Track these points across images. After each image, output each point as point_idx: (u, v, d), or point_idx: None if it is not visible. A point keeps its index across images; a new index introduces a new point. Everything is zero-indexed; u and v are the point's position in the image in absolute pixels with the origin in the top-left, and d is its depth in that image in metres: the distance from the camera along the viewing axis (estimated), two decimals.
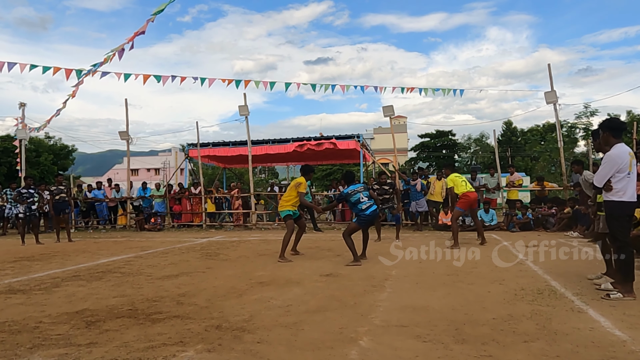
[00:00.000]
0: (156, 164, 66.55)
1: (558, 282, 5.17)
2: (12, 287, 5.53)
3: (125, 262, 7.61)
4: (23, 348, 3.20)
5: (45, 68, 13.16)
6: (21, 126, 17.08)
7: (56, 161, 38.27)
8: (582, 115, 28.60)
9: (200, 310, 4.21)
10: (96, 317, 4.02)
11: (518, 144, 46.55)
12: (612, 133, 4.68)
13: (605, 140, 4.71)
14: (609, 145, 4.65)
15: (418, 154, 52.23)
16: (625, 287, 4.47)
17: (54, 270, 6.84)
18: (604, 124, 4.86)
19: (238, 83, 15.14)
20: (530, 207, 12.71)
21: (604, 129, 4.75)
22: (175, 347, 3.18)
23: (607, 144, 4.68)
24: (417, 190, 13.11)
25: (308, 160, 23.93)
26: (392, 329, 3.56)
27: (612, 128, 4.73)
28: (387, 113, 14.71)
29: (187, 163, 19.70)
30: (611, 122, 4.88)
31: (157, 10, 11.53)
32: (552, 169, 31.32)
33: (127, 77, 14.23)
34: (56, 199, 11.51)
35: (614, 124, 4.82)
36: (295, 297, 4.69)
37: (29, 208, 11.40)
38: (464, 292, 4.83)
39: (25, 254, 8.90)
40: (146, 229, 14.91)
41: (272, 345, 3.20)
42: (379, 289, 5.02)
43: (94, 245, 10.67)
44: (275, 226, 15.17)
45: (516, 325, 3.57)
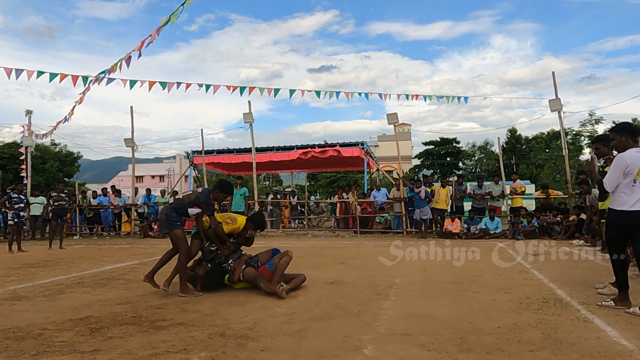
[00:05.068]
0: (161, 171, 66.75)
1: (564, 291, 5.14)
2: (17, 293, 5.54)
3: (130, 269, 7.62)
4: (27, 355, 3.21)
5: (52, 75, 13.28)
6: (27, 133, 17.23)
7: (62, 168, 38.53)
8: (587, 123, 28.57)
9: (204, 318, 4.20)
10: (100, 324, 4.02)
11: (523, 151, 46.38)
12: (631, 136, 4.37)
13: (623, 144, 4.38)
14: (626, 149, 4.34)
15: (422, 161, 52.12)
16: (619, 295, 4.42)
17: (58, 276, 6.85)
18: (622, 126, 4.50)
19: (243, 90, 15.24)
20: (535, 215, 12.66)
21: (622, 132, 4.41)
22: (179, 354, 3.17)
23: (625, 147, 4.36)
24: (421, 198, 13.10)
25: (312, 168, 23.99)
26: (397, 337, 3.54)
27: (632, 131, 4.40)
28: (391, 120, 14.75)
29: (192, 170, 19.78)
30: (630, 125, 4.52)
31: (165, 21, 11.63)
32: (557, 177, 31.18)
33: (133, 84, 14.34)
34: (55, 205, 11.45)
35: (633, 127, 4.47)
36: (299, 304, 4.68)
37: (16, 214, 11.05)
38: (469, 300, 4.80)
39: (30, 261, 8.93)
40: (150, 235, 14.94)
41: (275, 353, 3.19)
42: (383, 297, 5.00)
43: (98, 251, 10.70)
44: (279, 233, 15.16)
45: (521, 334, 3.54)
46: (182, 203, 5.51)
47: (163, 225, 5.47)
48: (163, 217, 5.47)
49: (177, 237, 5.36)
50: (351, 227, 15.36)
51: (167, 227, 5.40)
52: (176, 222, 5.40)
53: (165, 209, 5.55)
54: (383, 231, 14.40)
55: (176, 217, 5.42)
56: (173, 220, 5.39)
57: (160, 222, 5.66)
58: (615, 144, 4.50)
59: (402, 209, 14.04)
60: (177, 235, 5.36)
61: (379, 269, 7.00)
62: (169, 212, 5.44)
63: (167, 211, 5.47)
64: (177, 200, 5.70)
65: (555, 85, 13.52)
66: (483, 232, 12.51)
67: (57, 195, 11.56)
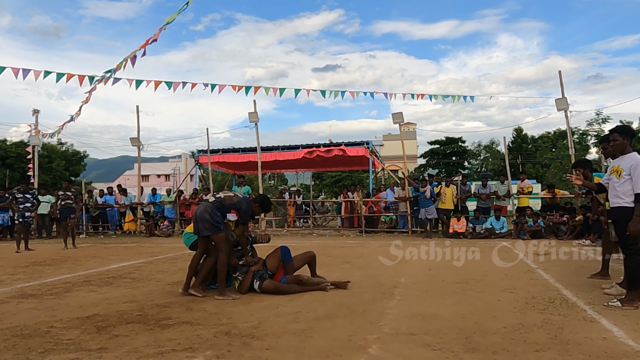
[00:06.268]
0: (166, 170, 67.01)
1: (570, 291, 5.11)
2: (24, 291, 5.59)
3: (136, 267, 7.66)
4: (35, 352, 3.23)
5: (59, 75, 13.37)
6: (34, 132, 17.35)
7: (68, 167, 38.77)
8: (594, 122, 28.43)
9: (210, 316, 4.22)
10: (106, 322, 4.04)
11: (529, 151, 46.20)
12: (631, 141, 4.65)
13: (623, 146, 4.64)
14: (626, 152, 4.61)
15: (427, 160, 52.04)
16: (629, 295, 4.41)
17: (65, 275, 6.90)
18: (626, 129, 4.76)
19: (248, 89, 15.27)
20: (541, 214, 12.60)
21: (626, 135, 4.65)
22: (184, 352, 3.19)
23: (624, 150, 4.63)
24: (427, 197, 13.07)
25: (317, 167, 23.97)
26: (401, 337, 3.53)
27: (633, 136, 4.69)
28: (396, 120, 14.73)
29: (197, 169, 19.84)
30: (632, 130, 4.83)
31: (168, 20, 11.68)
32: (563, 177, 31.02)
33: (138, 84, 14.41)
34: (61, 204, 11.45)
35: (634, 132, 4.78)
36: (304, 303, 4.69)
37: (22, 214, 11.00)
38: (474, 300, 4.79)
39: (37, 259, 8.99)
40: (156, 234, 15.00)
41: (280, 352, 3.20)
42: (388, 297, 5.00)
43: (104, 250, 10.76)
44: (285, 232, 15.18)
45: (527, 335, 3.53)
46: (225, 204, 5.15)
47: (205, 226, 5.01)
48: (206, 216, 5.00)
49: (221, 240, 5.04)
50: (356, 226, 15.35)
51: (211, 229, 5.00)
52: (220, 225, 5.04)
53: (207, 208, 5.07)
54: (388, 230, 14.38)
55: (220, 218, 5.06)
56: (218, 222, 5.03)
57: (200, 222, 5.02)
58: (617, 144, 4.68)
59: (407, 209, 14.01)
60: (221, 238, 5.04)
61: (383, 268, 6.99)
62: (213, 212, 5.04)
63: (211, 210, 5.04)
64: (219, 199, 5.19)
65: (561, 84, 13.46)
66: (489, 231, 12.47)
67: (64, 194, 11.55)
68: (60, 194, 11.64)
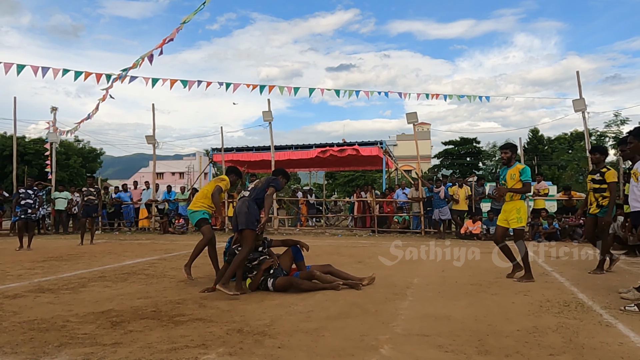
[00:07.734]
0: (181, 168, 67.56)
1: (585, 295, 5.04)
2: (41, 286, 5.68)
3: (150, 264, 7.75)
4: (51, 346, 3.29)
5: (77, 73, 13.54)
6: (52, 129, 17.62)
7: (85, 164, 39.28)
8: (612, 124, 27.93)
9: (222, 314, 4.25)
10: (121, 317, 4.10)
11: (545, 152, 45.57)
12: None
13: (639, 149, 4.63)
14: None
15: (442, 161, 51.66)
16: None
17: (81, 270, 7.00)
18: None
19: (262, 88, 15.29)
20: (556, 217, 12.43)
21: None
22: (197, 349, 3.21)
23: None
24: (441, 198, 12.98)
25: (331, 166, 23.97)
26: (414, 337, 3.52)
27: None
28: (410, 120, 14.64)
29: (211, 167, 19.98)
30: None
31: (185, 20, 11.76)
32: (579, 179, 30.58)
33: (154, 82, 14.53)
34: (85, 201, 11.40)
35: None
36: (316, 302, 4.69)
37: (24, 211, 10.46)
38: (488, 302, 4.75)
39: (54, 254, 9.14)
40: (170, 231, 15.14)
41: (292, 350, 3.21)
42: (401, 297, 4.98)
43: (119, 247, 10.89)
44: (297, 231, 15.20)
45: (541, 338, 3.49)
46: (259, 188, 5.37)
47: (242, 219, 5.12)
48: (244, 209, 5.14)
49: (250, 237, 5.11)
50: (369, 226, 15.31)
51: (246, 224, 5.10)
52: (255, 222, 5.13)
53: (245, 202, 5.24)
54: (401, 231, 14.32)
55: (257, 212, 5.20)
56: (254, 215, 5.16)
57: (239, 216, 5.16)
58: (633, 147, 4.69)
59: (421, 209, 13.95)
60: (251, 235, 5.12)
61: (396, 268, 6.97)
62: (251, 204, 5.20)
63: (249, 203, 5.20)
64: (254, 190, 5.40)
65: (579, 85, 13.24)
66: None
67: (87, 190, 11.48)
68: (84, 190, 11.60)
